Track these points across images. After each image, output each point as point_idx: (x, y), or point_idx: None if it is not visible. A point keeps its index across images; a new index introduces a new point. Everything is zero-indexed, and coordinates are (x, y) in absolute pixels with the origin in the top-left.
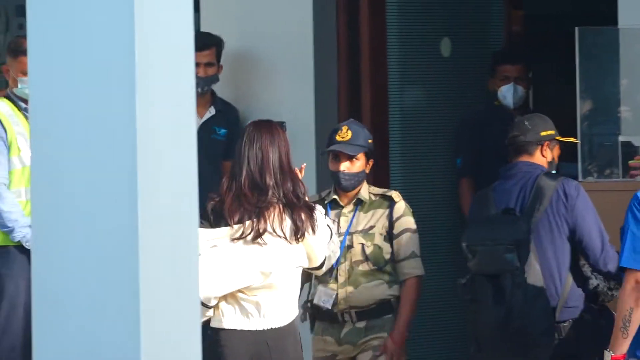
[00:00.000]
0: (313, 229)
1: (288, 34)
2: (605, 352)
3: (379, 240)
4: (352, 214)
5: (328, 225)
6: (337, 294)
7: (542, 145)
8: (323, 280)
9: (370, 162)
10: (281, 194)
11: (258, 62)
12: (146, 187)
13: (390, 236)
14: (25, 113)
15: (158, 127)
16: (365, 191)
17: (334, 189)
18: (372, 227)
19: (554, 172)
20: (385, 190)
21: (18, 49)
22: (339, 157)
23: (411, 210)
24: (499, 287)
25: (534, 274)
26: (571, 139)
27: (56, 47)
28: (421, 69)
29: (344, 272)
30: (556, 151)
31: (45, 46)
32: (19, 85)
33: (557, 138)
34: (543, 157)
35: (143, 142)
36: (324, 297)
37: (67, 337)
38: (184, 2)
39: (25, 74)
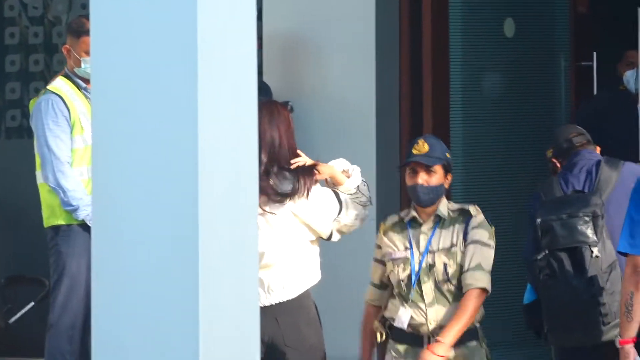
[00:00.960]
0: (307, 192)
1: (350, 20)
2: (615, 338)
3: (460, 258)
4: (431, 231)
5: (340, 200)
6: (426, 314)
7: (595, 147)
8: (403, 299)
9: (449, 177)
10: (275, 170)
11: (318, 48)
12: (207, 168)
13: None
14: (85, 92)
15: (220, 109)
16: (445, 207)
17: (413, 207)
18: (453, 245)
19: None
20: (463, 204)
21: (81, 29)
22: (416, 171)
23: (492, 227)
24: (577, 261)
25: (608, 249)
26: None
27: (119, 29)
28: (485, 53)
29: (430, 291)
30: None
31: (108, 27)
32: (82, 65)
33: None
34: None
35: (204, 123)
36: (404, 317)
37: (126, 316)
38: None
39: (88, 53)
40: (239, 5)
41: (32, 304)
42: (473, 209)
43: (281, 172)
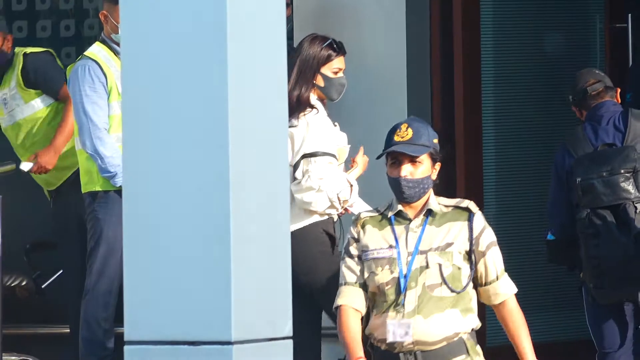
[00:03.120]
0: None
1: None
2: None
3: (458, 259)
4: (420, 228)
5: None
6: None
7: (616, 92)
8: (380, 309)
9: (437, 167)
10: None
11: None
12: (237, 135)
13: (472, 255)
14: None
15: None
16: (434, 201)
17: (396, 200)
18: (449, 245)
19: None
20: (459, 200)
21: None
22: (399, 161)
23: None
24: (621, 218)
25: None
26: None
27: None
28: (516, 66)
29: (413, 299)
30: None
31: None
32: (120, 32)
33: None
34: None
35: (234, 90)
36: (399, 329)
37: (158, 282)
38: None
39: None
40: None
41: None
42: (473, 206)
43: None
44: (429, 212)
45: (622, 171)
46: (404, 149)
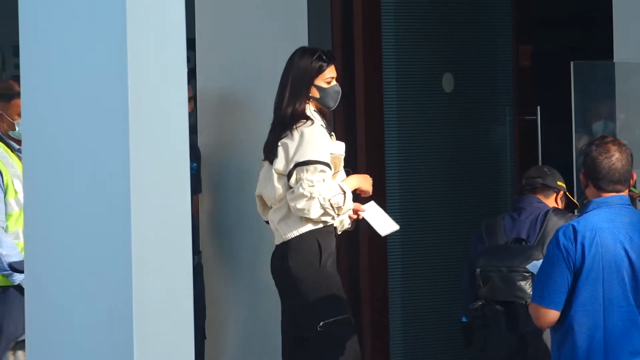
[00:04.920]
0: None
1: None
2: None
3: None
4: None
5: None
6: None
7: (558, 194)
8: None
9: None
10: None
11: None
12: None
13: None
14: (19, 154)
15: (150, 155)
16: None
17: None
18: None
19: None
20: None
21: (11, 93)
22: None
23: None
24: (512, 315)
25: None
26: (574, 201)
27: (50, 95)
28: (421, 106)
29: None
30: (560, 204)
31: (38, 88)
32: (16, 128)
33: (567, 194)
34: (555, 204)
35: (135, 166)
36: None
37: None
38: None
39: (20, 116)
40: (170, 63)
41: None
42: None
43: None
44: None
45: (522, 270)
46: None
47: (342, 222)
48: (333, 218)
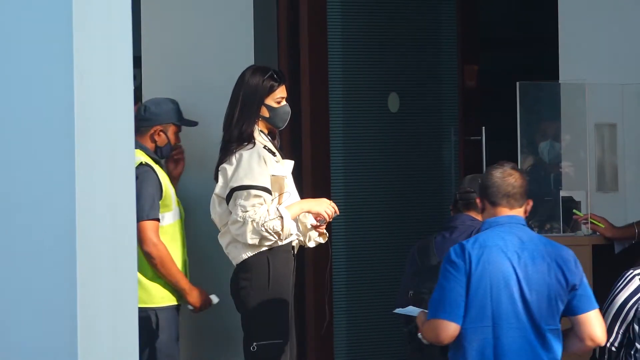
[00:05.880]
0: None
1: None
2: None
3: None
4: None
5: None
6: None
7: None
8: None
9: None
10: None
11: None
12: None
13: None
14: None
15: (96, 169)
16: None
17: None
18: None
19: None
20: None
21: None
22: None
23: None
24: None
25: None
26: None
27: None
28: (367, 125)
29: None
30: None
31: None
32: None
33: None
34: None
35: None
36: None
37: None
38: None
39: None
40: (117, 82)
41: None
42: None
43: None
44: None
45: None
46: None
47: (306, 239)
48: (277, 242)
